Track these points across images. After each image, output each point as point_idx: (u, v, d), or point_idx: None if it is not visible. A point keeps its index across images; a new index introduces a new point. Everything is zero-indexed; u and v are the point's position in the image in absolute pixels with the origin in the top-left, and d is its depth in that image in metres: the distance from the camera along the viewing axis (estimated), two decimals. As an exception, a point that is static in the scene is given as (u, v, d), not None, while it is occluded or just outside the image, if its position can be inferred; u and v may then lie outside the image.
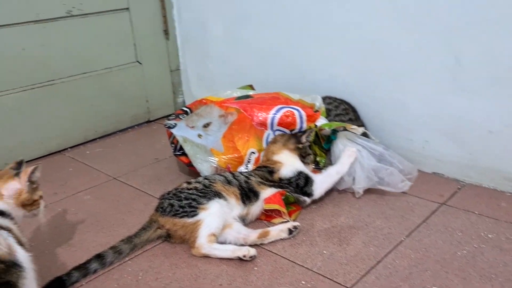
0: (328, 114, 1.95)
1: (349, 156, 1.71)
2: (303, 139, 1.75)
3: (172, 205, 1.49)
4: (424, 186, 1.82)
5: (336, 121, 1.93)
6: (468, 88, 1.73)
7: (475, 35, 1.66)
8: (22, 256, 1.06)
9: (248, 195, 1.59)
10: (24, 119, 2.21)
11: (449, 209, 1.66)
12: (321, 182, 1.68)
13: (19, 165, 1.27)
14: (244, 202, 1.57)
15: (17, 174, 1.24)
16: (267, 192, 1.61)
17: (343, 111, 2.00)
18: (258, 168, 1.73)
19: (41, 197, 1.30)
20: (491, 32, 1.62)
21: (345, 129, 1.78)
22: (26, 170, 1.25)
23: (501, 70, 1.64)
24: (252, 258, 1.40)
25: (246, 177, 1.64)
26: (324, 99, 2.01)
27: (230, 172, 1.68)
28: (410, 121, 1.92)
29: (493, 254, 1.40)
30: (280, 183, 1.64)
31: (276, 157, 1.72)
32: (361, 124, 2.00)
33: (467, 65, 1.71)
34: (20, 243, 1.10)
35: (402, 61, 1.87)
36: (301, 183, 1.64)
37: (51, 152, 2.32)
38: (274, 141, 1.78)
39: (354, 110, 2.05)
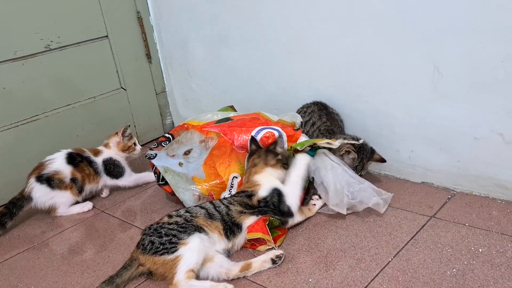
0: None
1: (302, 159, 1.71)
2: (278, 149, 1.73)
3: (152, 242, 1.46)
4: (413, 197, 1.77)
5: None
6: (450, 95, 1.68)
7: (452, 41, 1.61)
8: None
9: (232, 229, 1.55)
10: (11, 158, 2.20)
11: (439, 222, 1.61)
12: (291, 193, 1.65)
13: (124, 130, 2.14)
14: (228, 237, 1.54)
15: (116, 133, 2.15)
16: (249, 221, 1.57)
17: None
18: (237, 194, 1.68)
19: (135, 144, 2.17)
20: (468, 38, 1.57)
21: (318, 146, 1.75)
22: (120, 130, 2.12)
23: (481, 75, 1.58)
24: (230, 294, 1.37)
25: (227, 206, 1.60)
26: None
27: (211, 203, 1.64)
28: (395, 131, 1.87)
29: (483, 270, 1.35)
30: (259, 207, 1.60)
31: (257, 177, 1.68)
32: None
33: (446, 72, 1.66)
34: None
35: (382, 72, 1.82)
36: (276, 201, 1.60)
37: (40, 187, 2.30)
38: (254, 164, 1.73)
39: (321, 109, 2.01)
